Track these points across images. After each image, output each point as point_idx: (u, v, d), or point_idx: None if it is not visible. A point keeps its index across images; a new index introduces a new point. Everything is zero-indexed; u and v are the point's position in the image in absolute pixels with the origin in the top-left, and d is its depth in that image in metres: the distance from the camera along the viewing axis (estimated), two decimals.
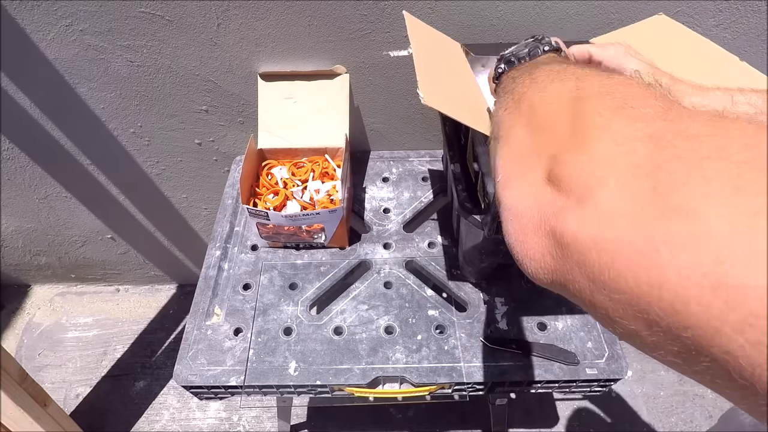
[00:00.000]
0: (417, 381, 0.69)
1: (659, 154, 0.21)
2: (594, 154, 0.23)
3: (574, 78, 0.30)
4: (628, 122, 0.23)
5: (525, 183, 0.27)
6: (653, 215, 0.20)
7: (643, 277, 0.19)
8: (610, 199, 0.21)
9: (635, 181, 0.21)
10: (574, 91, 0.28)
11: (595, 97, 0.27)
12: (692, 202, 0.19)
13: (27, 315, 1.48)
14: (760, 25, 0.83)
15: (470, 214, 0.64)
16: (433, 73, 0.59)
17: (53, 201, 1.19)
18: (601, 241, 0.21)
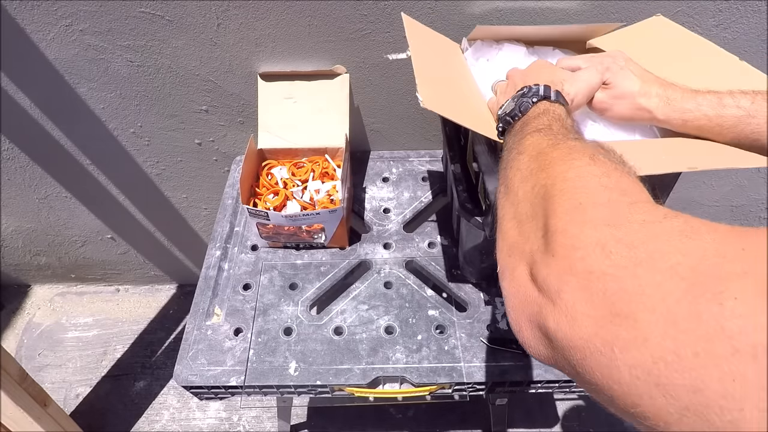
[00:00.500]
0: (417, 381, 0.69)
1: (605, 260, 0.24)
2: (558, 258, 0.26)
3: (546, 167, 0.33)
4: (581, 228, 0.26)
5: (515, 279, 0.30)
6: (606, 318, 0.22)
7: (607, 374, 0.22)
8: (573, 300, 0.24)
9: (589, 286, 0.24)
10: (543, 188, 0.32)
11: (557, 195, 0.30)
12: (630, 308, 0.22)
13: (27, 315, 1.48)
14: (760, 25, 0.83)
15: (471, 215, 0.64)
16: (432, 75, 0.59)
17: (53, 201, 1.19)
18: (573, 339, 0.24)
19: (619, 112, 0.55)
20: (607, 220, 0.26)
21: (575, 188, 0.29)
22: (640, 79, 0.54)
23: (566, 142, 0.35)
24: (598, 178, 0.29)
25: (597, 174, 0.30)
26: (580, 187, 0.29)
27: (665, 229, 0.23)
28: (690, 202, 1.22)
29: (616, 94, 0.54)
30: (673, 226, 0.23)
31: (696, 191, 1.19)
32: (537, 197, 0.32)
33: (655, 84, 0.54)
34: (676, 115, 0.52)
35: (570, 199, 0.29)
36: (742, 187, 1.18)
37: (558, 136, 0.38)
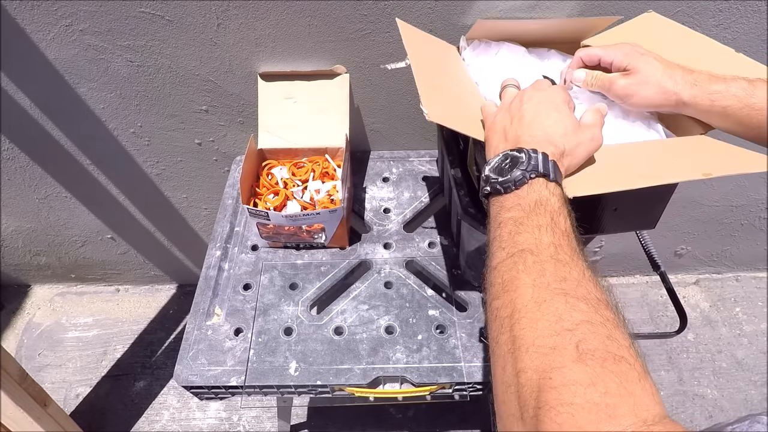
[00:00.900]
0: (417, 381, 0.69)
1: None
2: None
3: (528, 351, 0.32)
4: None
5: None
6: None
7: None
8: None
9: None
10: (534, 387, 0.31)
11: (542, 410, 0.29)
12: None
13: (27, 315, 1.48)
14: (760, 25, 0.83)
15: (475, 220, 0.64)
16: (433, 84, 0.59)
17: (53, 201, 1.19)
18: None
19: (644, 97, 0.54)
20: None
21: (561, 405, 0.28)
22: (662, 63, 0.53)
23: (551, 303, 0.33)
24: (584, 390, 0.28)
25: (583, 383, 0.28)
26: (566, 404, 0.28)
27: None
28: (690, 202, 1.22)
29: (640, 80, 0.53)
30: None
31: (696, 191, 1.19)
32: (527, 393, 0.31)
33: (678, 68, 0.53)
34: (704, 95, 0.51)
35: (555, 422, 0.28)
36: (742, 187, 1.18)
37: (545, 277, 0.35)
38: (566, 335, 0.31)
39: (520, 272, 0.36)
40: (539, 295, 0.34)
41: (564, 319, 0.32)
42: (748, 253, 1.41)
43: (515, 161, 0.43)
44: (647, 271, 1.48)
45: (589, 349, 0.30)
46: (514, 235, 0.39)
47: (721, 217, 1.27)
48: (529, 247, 0.38)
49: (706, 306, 1.46)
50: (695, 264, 1.46)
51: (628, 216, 0.65)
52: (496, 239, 0.41)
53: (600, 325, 0.31)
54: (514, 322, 0.34)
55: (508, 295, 0.36)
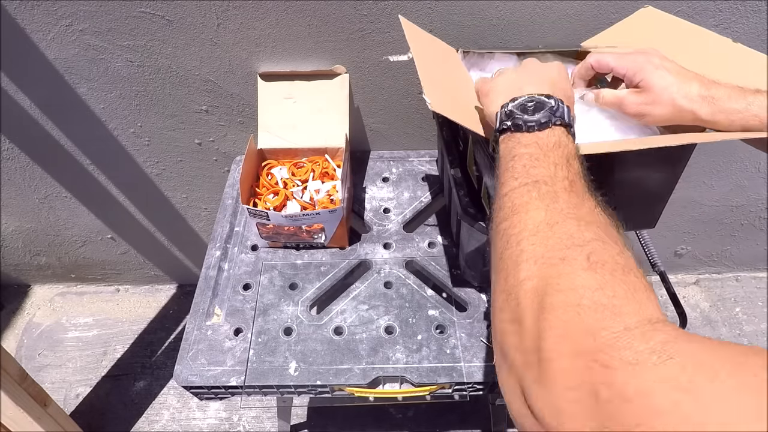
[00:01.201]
0: (417, 381, 0.69)
1: (599, 409, 0.24)
2: (552, 393, 0.27)
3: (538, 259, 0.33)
4: (573, 361, 0.26)
5: (509, 386, 0.31)
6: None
7: None
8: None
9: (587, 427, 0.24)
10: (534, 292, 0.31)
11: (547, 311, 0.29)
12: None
13: (27, 315, 1.48)
14: (760, 25, 0.83)
15: (475, 220, 0.64)
16: (436, 78, 0.59)
17: (53, 201, 1.19)
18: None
19: (659, 116, 0.51)
20: (596, 354, 0.26)
21: (567, 305, 0.29)
22: (677, 77, 0.50)
23: (564, 224, 0.34)
24: (592, 293, 0.28)
25: (591, 287, 0.29)
26: (573, 304, 0.28)
27: (660, 379, 0.23)
28: (690, 202, 1.22)
29: (653, 98, 0.50)
30: (667, 376, 0.23)
31: (696, 191, 1.19)
32: (529, 300, 0.31)
33: (695, 82, 0.49)
34: (723, 116, 0.48)
35: (561, 320, 0.28)
36: (742, 187, 1.18)
37: (558, 204, 0.36)
38: (576, 249, 0.31)
39: (533, 198, 0.37)
40: (551, 217, 0.34)
41: (575, 237, 0.32)
42: (748, 253, 1.41)
43: (542, 105, 0.44)
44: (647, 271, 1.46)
45: (600, 260, 0.30)
46: (529, 168, 0.40)
47: (721, 217, 1.27)
48: (544, 179, 0.38)
49: (706, 306, 1.46)
50: (695, 264, 1.46)
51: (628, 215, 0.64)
52: (509, 170, 0.41)
53: (611, 244, 0.32)
54: (523, 238, 0.34)
55: (518, 216, 0.36)
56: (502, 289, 0.34)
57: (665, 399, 0.22)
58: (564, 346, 0.27)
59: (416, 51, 0.61)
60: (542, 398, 0.27)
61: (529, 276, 0.32)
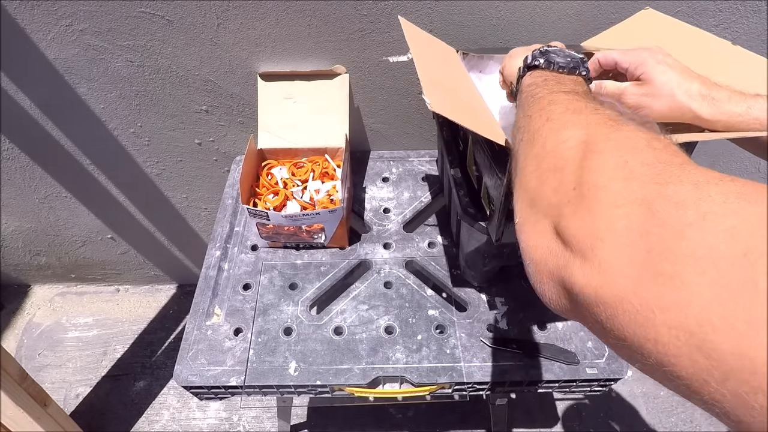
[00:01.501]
0: (417, 381, 0.69)
1: (650, 219, 0.23)
2: (595, 214, 0.25)
3: (584, 125, 0.31)
4: (625, 184, 0.25)
5: (537, 231, 0.30)
6: (646, 277, 0.22)
7: (641, 332, 0.22)
8: (610, 258, 0.24)
9: (630, 244, 0.23)
10: (581, 143, 0.30)
11: (598, 153, 0.28)
12: (676, 269, 0.21)
13: (27, 315, 1.48)
14: (760, 25, 0.83)
15: (475, 220, 0.64)
16: (435, 79, 0.59)
17: (53, 201, 1.19)
18: (604, 296, 0.23)
19: (658, 110, 0.51)
20: (655, 178, 0.24)
21: (621, 146, 0.27)
22: (679, 74, 0.50)
23: (605, 109, 0.33)
24: (647, 141, 0.27)
25: (645, 137, 0.28)
26: (627, 146, 0.27)
27: (721, 191, 0.22)
28: None
29: (653, 91, 0.50)
30: (730, 189, 0.22)
31: None
32: (571, 151, 0.30)
33: (696, 81, 0.49)
34: (724, 118, 0.48)
35: (614, 156, 0.27)
36: None
37: (597, 103, 0.35)
38: (626, 118, 0.31)
39: (571, 96, 0.37)
40: (592, 105, 0.34)
41: (618, 119, 0.31)
42: None
43: (570, 57, 0.45)
44: None
45: (651, 128, 0.29)
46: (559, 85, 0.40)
47: None
48: (579, 91, 0.38)
49: None
50: None
51: None
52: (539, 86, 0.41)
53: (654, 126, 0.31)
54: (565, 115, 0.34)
55: (556, 105, 0.36)
56: (536, 154, 0.33)
57: (724, 205, 0.21)
58: (618, 173, 0.26)
59: (416, 51, 0.61)
60: (580, 223, 0.26)
61: (574, 134, 0.31)
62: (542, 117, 0.35)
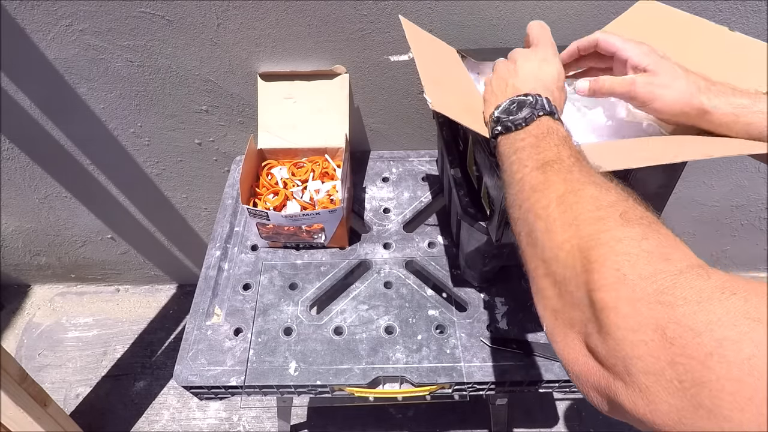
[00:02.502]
0: (417, 381, 0.69)
1: (669, 348, 0.24)
2: (617, 340, 0.26)
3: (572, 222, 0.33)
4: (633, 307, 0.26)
5: (570, 346, 0.30)
6: (688, 409, 0.23)
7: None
8: (648, 386, 0.24)
9: (661, 373, 0.24)
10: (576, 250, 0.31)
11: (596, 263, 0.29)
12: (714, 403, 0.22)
13: (27, 315, 1.48)
14: (760, 25, 0.83)
15: (475, 220, 0.64)
16: (436, 78, 0.59)
17: (53, 201, 1.19)
18: (652, 422, 0.25)
19: (667, 102, 0.49)
20: (658, 296, 0.25)
21: (615, 255, 0.28)
22: (682, 69, 0.50)
23: (586, 190, 0.34)
24: (638, 243, 0.28)
25: (635, 237, 0.29)
26: (621, 253, 0.28)
27: (727, 311, 0.23)
28: (690, 202, 1.22)
29: (663, 82, 0.49)
30: (734, 308, 0.23)
31: (696, 191, 1.19)
32: (571, 259, 0.31)
33: (699, 76, 0.50)
34: (728, 108, 0.48)
35: (612, 269, 0.28)
36: (742, 187, 1.18)
37: (573, 175, 0.37)
38: (608, 209, 0.32)
39: (549, 175, 0.38)
40: (572, 186, 0.35)
41: (601, 199, 0.33)
42: (748, 253, 1.41)
43: (522, 104, 0.46)
44: None
45: (634, 216, 0.31)
46: (533, 154, 0.41)
47: (721, 217, 1.27)
48: (552, 159, 0.39)
49: None
50: None
51: None
52: (516, 162, 0.43)
53: (634, 204, 0.33)
54: (551, 209, 0.35)
55: (540, 193, 0.37)
56: (541, 258, 0.34)
57: (735, 329, 0.22)
58: (622, 293, 0.27)
59: (417, 50, 0.61)
60: (608, 347, 0.27)
61: (567, 238, 0.32)
62: (531, 212, 0.37)
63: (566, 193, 0.35)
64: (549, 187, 0.37)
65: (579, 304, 0.30)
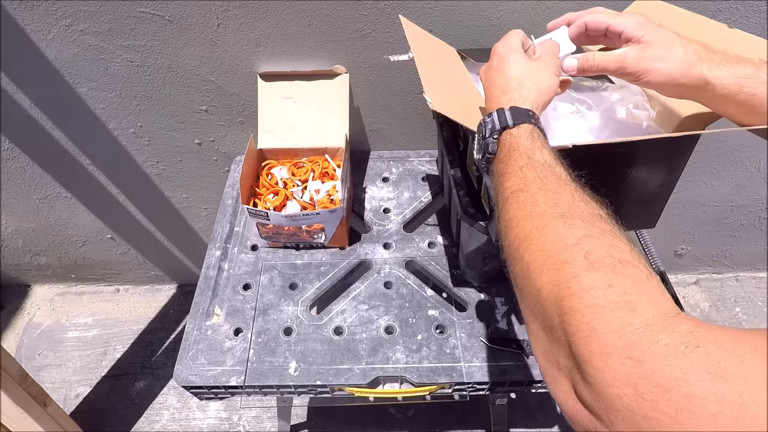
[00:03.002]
0: (417, 381, 0.69)
1: (642, 403, 0.25)
2: (596, 392, 0.27)
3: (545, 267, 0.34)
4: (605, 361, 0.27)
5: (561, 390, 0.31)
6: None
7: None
8: None
9: (638, 426, 0.25)
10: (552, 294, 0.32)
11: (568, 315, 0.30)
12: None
13: (27, 315, 1.48)
14: (760, 25, 0.83)
15: (475, 220, 0.64)
16: (436, 77, 0.59)
17: (53, 201, 1.19)
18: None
19: (664, 73, 0.46)
20: (627, 351, 0.26)
21: (584, 307, 0.29)
22: (680, 37, 0.46)
23: (551, 226, 0.35)
24: (604, 292, 0.29)
25: (601, 286, 0.30)
26: (589, 305, 0.29)
27: (692, 366, 0.24)
28: (690, 202, 1.22)
29: (658, 53, 0.46)
30: (698, 363, 0.24)
31: (696, 191, 1.19)
32: (551, 306, 0.32)
33: (699, 44, 0.46)
34: (732, 78, 0.45)
35: (583, 323, 0.29)
36: (742, 187, 1.18)
37: (538, 207, 0.37)
38: (573, 249, 0.32)
39: (516, 210, 0.39)
40: (538, 222, 0.36)
41: (566, 236, 0.34)
42: (748, 253, 1.41)
43: (481, 130, 0.47)
44: None
45: (598, 257, 0.31)
46: (503, 183, 0.42)
47: (721, 217, 1.27)
48: (519, 187, 0.40)
49: (706, 306, 1.46)
50: (695, 264, 1.46)
51: (628, 215, 0.65)
52: (495, 194, 0.44)
53: (599, 236, 0.33)
54: (523, 251, 0.36)
55: (512, 232, 0.38)
56: (527, 304, 0.36)
57: (700, 385, 0.23)
58: (593, 347, 0.28)
59: (417, 50, 0.61)
60: (590, 396, 0.28)
61: (542, 285, 0.33)
62: (509, 255, 0.38)
63: (533, 232, 0.36)
64: (518, 224, 0.38)
65: (564, 351, 0.31)
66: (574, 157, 0.44)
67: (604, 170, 0.57)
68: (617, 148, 0.55)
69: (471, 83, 0.66)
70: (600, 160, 0.56)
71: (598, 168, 0.57)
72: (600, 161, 0.56)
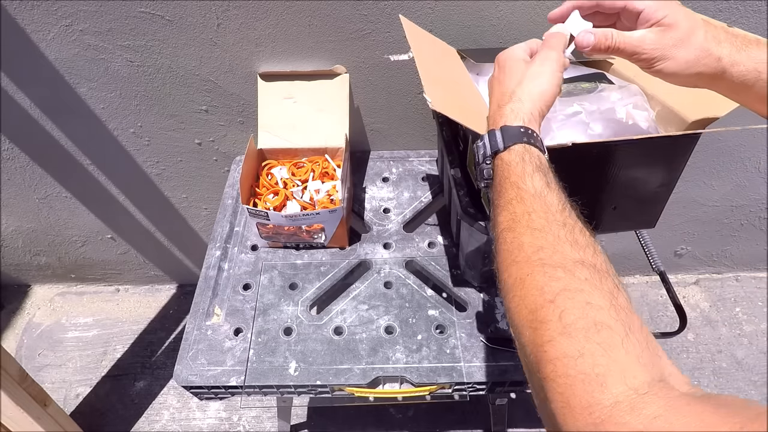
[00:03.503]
0: (417, 381, 0.69)
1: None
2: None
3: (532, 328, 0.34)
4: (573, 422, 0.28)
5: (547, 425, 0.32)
6: None
7: None
8: None
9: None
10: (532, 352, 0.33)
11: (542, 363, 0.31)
12: None
13: (27, 315, 1.48)
14: (760, 25, 0.83)
15: (475, 220, 0.64)
16: (436, 77, 0.59)
17: (53, 201, 1.19)
18: None
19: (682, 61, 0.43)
20: (598, 427, 0.27)
21: (557, 377, 0.30)
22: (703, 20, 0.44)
23: (532, 278, 0.35)
24: (575, 362, 0.30)
25: (573, 355, 0.30)
26: (562, 375, 0.30)
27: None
28: (690, 202, 1.22)
29: (680, 38, 0.43)
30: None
31: (696, 191, 1.19)
32: (533, 366, 0.33)
33: (719, 27, 0.44)
34: (751, 64, 0.42)
35: (557, 392, 0.30)
36: (742, 187, 1.18)
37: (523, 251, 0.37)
38: (549, 307, 0.33)
39: (505, 254, 0.39)
40: (521, 270, 0.37)
41: (545, 291, 0.34)
42: (748, 253, 1.41)
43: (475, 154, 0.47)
44: (647, 271, 1.47)
45: (572, 320, 0.31)
46: (496, 216, 0.42)
47: (721, 217, 1.27)
48: (508, 225, 0.40)
49: (706, 306, 1.46)
50: (695, 264, 1.46)
51: (628, 215, 0.65)
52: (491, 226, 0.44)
53: (577, 291, 0.33)
54: (510, 300, 0.37)
55: (503, 276, 0.39)
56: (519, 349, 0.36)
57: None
58: (567, 419, 0.29)
59: (417, 50, 0.61)
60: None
61: (525, 342, 0.34)
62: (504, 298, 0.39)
63: (517, 282, 0.36)
64: (506, 271, 0.38)
65: (547, 407, 0.31)
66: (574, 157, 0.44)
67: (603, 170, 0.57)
68: (617, 147, 0.55)
69: (471, 83, 0.67)
70: (600, 160, 0.56)
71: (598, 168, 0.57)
72: (600, 161, 0.56)
